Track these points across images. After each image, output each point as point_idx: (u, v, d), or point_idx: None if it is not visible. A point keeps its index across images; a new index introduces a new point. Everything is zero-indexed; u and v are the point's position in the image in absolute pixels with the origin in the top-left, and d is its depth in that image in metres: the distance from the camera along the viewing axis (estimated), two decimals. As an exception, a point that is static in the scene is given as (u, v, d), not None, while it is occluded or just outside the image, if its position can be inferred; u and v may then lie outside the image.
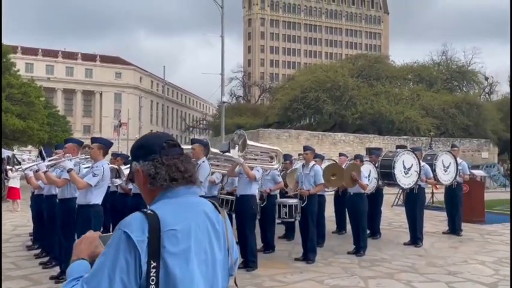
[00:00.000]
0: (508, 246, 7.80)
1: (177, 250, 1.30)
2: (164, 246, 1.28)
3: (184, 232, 1.33)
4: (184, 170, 1.43)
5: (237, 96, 59.44)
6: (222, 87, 21.46)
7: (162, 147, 1.45)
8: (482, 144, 32.18)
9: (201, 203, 1.47)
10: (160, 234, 1.28)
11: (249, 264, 6.09)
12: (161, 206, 1.37)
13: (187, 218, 1.36)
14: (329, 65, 42.86)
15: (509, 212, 12.66)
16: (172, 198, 1.40)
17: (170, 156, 1.44)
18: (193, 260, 1.32)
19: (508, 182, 26.72)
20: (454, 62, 43.40)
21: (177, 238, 1.30)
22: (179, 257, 1.29)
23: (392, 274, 5.93)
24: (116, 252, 1.25)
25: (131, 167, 1.50)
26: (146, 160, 1.44)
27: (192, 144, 5.94)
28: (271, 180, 7.34)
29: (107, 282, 1.23)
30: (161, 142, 1.46)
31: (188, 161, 1.48)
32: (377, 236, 8.67)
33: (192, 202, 1.43)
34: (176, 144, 1.50)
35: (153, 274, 1.25)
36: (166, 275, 1.27)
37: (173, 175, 1.41)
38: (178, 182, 1.41)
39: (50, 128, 32.22)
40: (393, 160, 7.88)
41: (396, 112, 32.79)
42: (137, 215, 1.31)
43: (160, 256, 1.26)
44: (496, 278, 5.73)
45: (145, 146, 1.47)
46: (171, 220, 1.32)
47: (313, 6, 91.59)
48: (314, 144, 21.48)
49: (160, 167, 1.41)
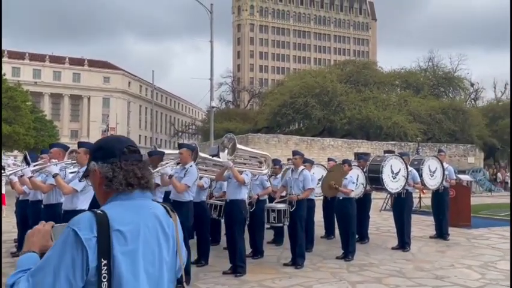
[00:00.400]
0: (494, 251, 7.89)
1: (125, 250, 1.34)
2: (113, 245, 1.32)
3: (132, 233, 1.37)
4: (141, 176, 1.47)
5: (227, 101, 59.40)
6: (211, 92, 21.45)
7: (122, 152, 1.48)
8: (468, 150, 32.58)
9: (153, 206, 1.50)
10: (109, 233, 1.32)
11: (237, 269, 6.06)
12: (112, 206, 1.42)
13: (137, 220, 1.40)
14: (317, 71, 43.09)
15: (495, 216, 12.84)
16: (125, 201, 1.44)
17: (130, 161, 1.48)
18: (139, 260, 1.36)
19: (494, 186, 27.11)
20: (440, 68, 43.95)
21: (125, 238, 1.35)
22: (127, 257, 1.34)
23: (380, 279, 5.95)
24: (63, 249, 1.29)
25: (88, 166, 1.53)
26: (105, 162, 1.47)
27: (179, 148, 5.90)
28: (260, 185, 7.32)
29: (51, 277, 1.27)
30: (122, 147, 1.50)
31: (146, 168, 1.52)
32: (365, 241, 8.70)
33: (143, 205, 1.47)
34: (136, 150, 1.54)
35: (105, 272, 1.30)
36: (112, 274, 1.31)
37: (130, 180, 1.45)
38: (134, 188, 1.45)
39: (36, 132, 31.78)
40: (381, 165, 7.93)
41: (384, 117, 33.06)
42: (87, 213, 1.36)
43: (110, 254, 1.31)
44: (482, 282, 5.78)
45: (105, 148, 1.51)
46: (121, 220, 1.36)
47: (302, 12, 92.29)
48: (303, 149, 21.54)
49: (118, 171, 1.45)
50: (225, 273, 6.11)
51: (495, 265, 6.75)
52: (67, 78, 66.28)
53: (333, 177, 7.22)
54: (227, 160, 5.90)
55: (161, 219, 1.48)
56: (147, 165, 1.54)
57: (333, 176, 7.25)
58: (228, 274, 6.07)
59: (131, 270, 1.33)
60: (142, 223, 1.41)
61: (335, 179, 7.15)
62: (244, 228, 6.40)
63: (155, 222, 1.46)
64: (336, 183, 7.10)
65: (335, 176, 7.22)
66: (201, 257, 6.68)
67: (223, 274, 6.09)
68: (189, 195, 5.66)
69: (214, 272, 6.24)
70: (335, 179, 7.16)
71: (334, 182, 7.03)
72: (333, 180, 7.09)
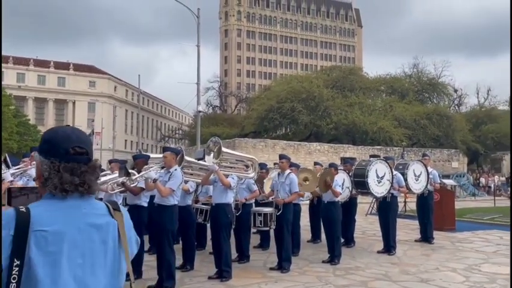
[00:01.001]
0: (478, 254, 7.99)
1: (44, 252, 1.28)
2: (30, 245, 1.27)
3: (57, 235, 1.31)
4: (80, 183, 1.38)
5: (214, 106, 59.33)
6: (197, 96, 21.38)
7: (66, 152, 1.39)
8: (452, 154, 33.07)
9: (89, 206, 1.41)
10: (27, 234, 1.27)
11: (223, 274, 6.00)
12: (42, 204, 1.36)
13: (64, 221, 1.34)
14: (304, 76, 43.39)
15: (479, 220, 13.01)
16: (58, 200, 1.37)
17: (71, 164, 1.38)
18: (62, 263, 1.30)
19: (477, 191, 27.53)
20: (424, 74, 44.60)
21: (46, 240, 1.29)
22: (46, 259, 1.28)
23: (366, 282, 5.96)
24: None
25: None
26: (46, 158, 1.39)
27: (164, 152, 5.85)
28: (247, 189, 7.29)
29: None
30: (68, 146, 1.40)
31: (92, 172, 1.42)
32: (351, 245, 8.72)
33: (76, 205, 1.39)
34: (84, 152, 1.43)
35: (15, 272, 1.25)
36: (27, 275, 1.26)
37: (65, 186, 1.36)
38: (68, 194, 1.37)
39: (19, 137, 31.32)
40: (366, 169, 7.96)
41: (370, 122, 33.39)
42: (9, 211, 1.31)
43: (24, 255, 1.26)
44: (466, 285, 5.83)
45: (50, 144, 1.42)
46: (46, 221, 1.31)
47: (289, 18, 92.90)
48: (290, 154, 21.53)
49: (54, 174, 1.37)
50: (210, 278, 6.05)
51: (479, 268, 6.82)
52: (52, 82, 65.41)
53: (327, 174, 7.26)
54: (212, 164, 5.86)
55: (98, 220, 1.40)
56: (93, 168, 1.43)
57: (327, 174, 7.28)
58: (213, 279, 6.01)
59: (49, 274, 1.28)
60: (71, 225, 1.34)
61: (329, 177, 7.18)
62: (230, 233, 6.35)
63: (89, 223, 1.38)
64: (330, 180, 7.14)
65: (329, 175, 7.25)
66: (186, 261, 6.60)
67: (208, 279, 6.03)
68: (174, 199, 5.60)
69: (199, 277, 6.17)
70: (329, 177, 7.20)
71: (330, 178, 7.05)
72: (328, 177, 7.11)
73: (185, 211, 6.70)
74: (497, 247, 8.67)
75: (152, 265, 6.04)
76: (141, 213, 6.22)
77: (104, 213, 1.43)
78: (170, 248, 5.54)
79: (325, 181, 7.09)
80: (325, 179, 7.09)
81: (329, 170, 7.58)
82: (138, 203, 6.17)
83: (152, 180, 5.45)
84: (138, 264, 6.07)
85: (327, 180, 7.07)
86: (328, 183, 7.06)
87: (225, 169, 6.30)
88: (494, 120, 39.07)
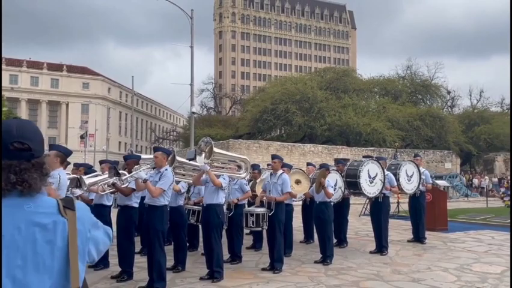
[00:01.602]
0: (470, 253, 8.02)
1: None
2: None
3: None
4: (17, 181, 1.30)
5: (208, 107, 59.25)
6: (191, 97, 21.32)
7: (5, 148, 1.31)
8: (445, 156, 33.23)
9: (35, 204, 1.33)
10: None
11: (214, 275, 5.97)
12: None
13: (4, 222, 1.27)
14: (298, 78, 43.41)
15: (471, 220, 13.07)
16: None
17: (9, 162, 1.31)
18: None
19: (470, 192, 27.69)
20: (418, 76, 44.81)
21: None
22: None
23: (358, 282, 5.96)
24: None
25: None
26: None
27: (155, 152, 5.81)
28: (239, 190, 7.27)
29: None
30: (8, 142, 1.32)
31: (36, 170, 1.34)
32: (343, 245, 8.72)
33: (17, 204, 1.31)
34: (26, 148, 1.34)
35: None
36: None
37: (2, 185, 1.29)
38: (6, 193, 1.30)
39: (11, 139, 30.97)
40: (358, 169, 7.97)
41: (363, 124, 33.47)
42: None
43: None
44: (458, 285, 5.85)
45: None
46: None
47: (284, 20, 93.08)
48: (284, 155, 21.55)
49: None
50: (202, 279, 6.01)
51: (470, 267, 6.84)
52: (45, 83, 65.02)
53: (322, 175, 7.26)
54: (204, 164, 5.83)
55: (43, 219, 1.32)
56: (39, 166, 1.35)
57: (322, 175, 7.29)
58: (205, 280, 5.98)
59: None
60: (10, 224, 1.27)
61: (324, 177, 7.19)
62: (221, 233, 6.32)
63: (32, 222, 1.30)
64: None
65: (324, 175, 7.26)
66: (177, 262, 6.56)
67: (200, 280, 5.99)
68: (164, 200, 5.56)
69: (191, 278, 6.14)
70: (324, 177, 7.21)
71: (323, 180, 7.06)
72: (323, 177, 7.12)
73: (177, 212, 6.67)
74: (488, 247, 8.72)
75: (143, 266, 6.00)
76: (132, 214, 6.19)
77: (53, 211, 1.35)
78: (160, 249, 5.51)
79: (320, 182, 7.09)
80: (320, 180, 7.09)
81: (324, 171, 7.58)
82: (129, 203, 6.13)
83: (142, 181, 5.42)
84: (129, 266, 6.03)
85: (322, 180, 7.07)
86: (322, 184, 7.06)
87: (216, 169, 6.27)
88: (486, 122, 39.32)
